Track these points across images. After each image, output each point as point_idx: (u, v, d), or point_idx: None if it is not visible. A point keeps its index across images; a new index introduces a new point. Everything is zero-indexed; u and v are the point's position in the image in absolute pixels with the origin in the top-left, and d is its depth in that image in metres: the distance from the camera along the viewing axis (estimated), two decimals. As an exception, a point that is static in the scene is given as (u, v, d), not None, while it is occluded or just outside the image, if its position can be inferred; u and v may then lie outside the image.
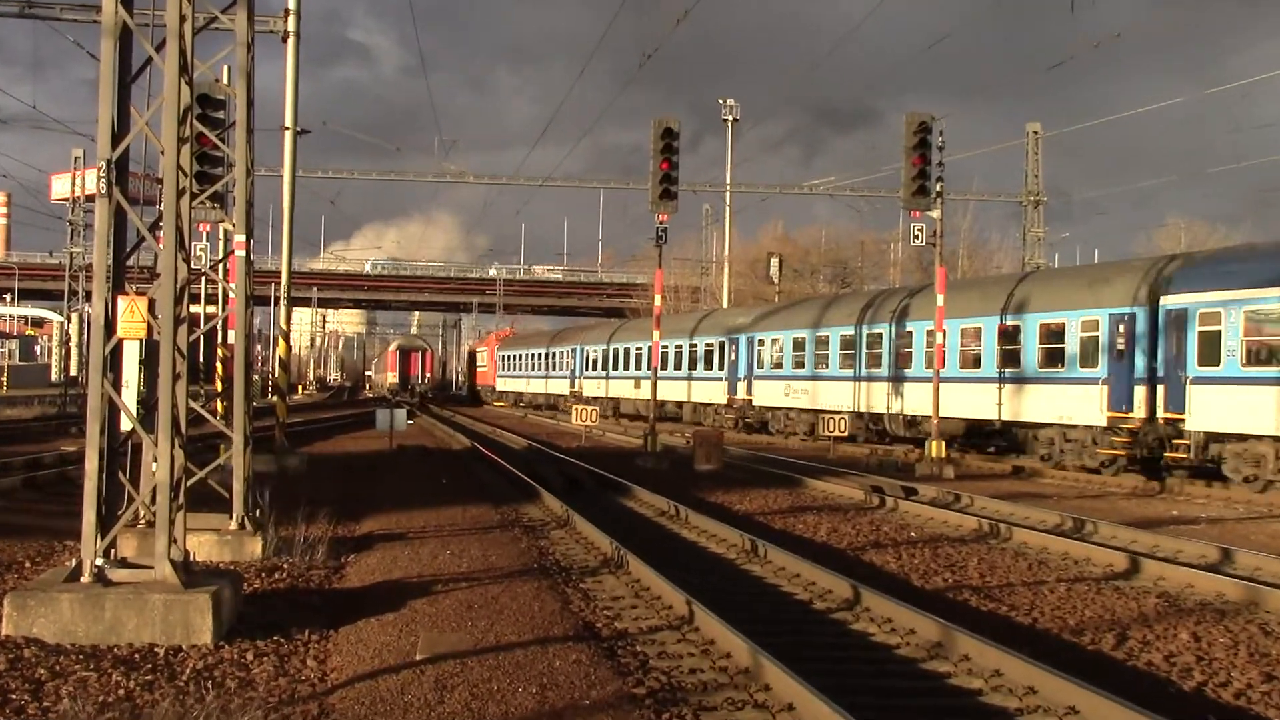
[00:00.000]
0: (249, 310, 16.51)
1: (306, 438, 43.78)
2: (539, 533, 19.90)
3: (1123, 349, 30.88)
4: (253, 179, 15.89)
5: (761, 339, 50.84)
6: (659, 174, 34.30)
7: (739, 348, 52.58)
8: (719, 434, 35.16)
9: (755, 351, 51.09)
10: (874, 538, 19.92)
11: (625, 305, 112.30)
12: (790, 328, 48.65)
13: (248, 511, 15.78)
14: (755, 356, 51.09)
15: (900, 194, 34.70)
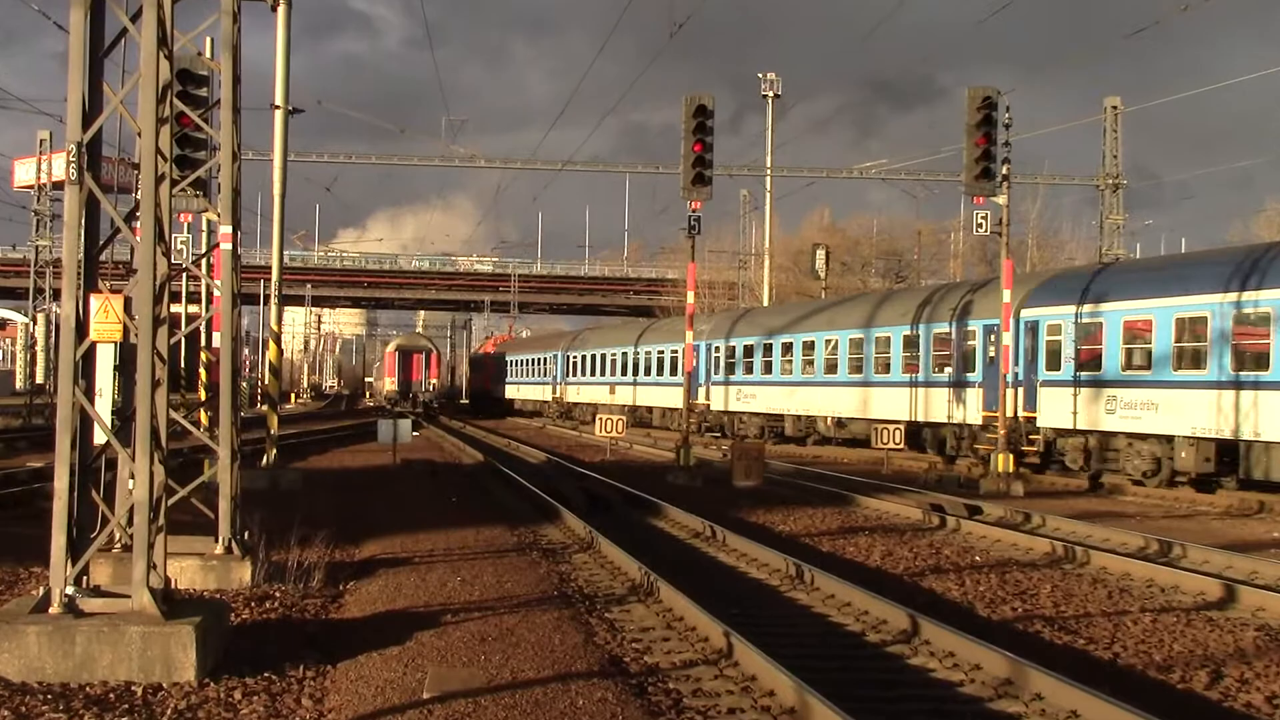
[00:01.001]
0: (236, 310, 16.54)
1: (300, 451, 43.88)
2: (560, 556, 19.89)
3: (993, 356, 38.02)
4: (239, 163, 15.92)
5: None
6: (691, 157, 34.27)
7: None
8: (760, 447, 35.11)
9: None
10: (933, 562, 19.83)
11: (654, 303, 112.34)
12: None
13: (235, 534, 15.80)
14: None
15: (962, 178, 34.61)
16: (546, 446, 51.42)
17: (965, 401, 39.84)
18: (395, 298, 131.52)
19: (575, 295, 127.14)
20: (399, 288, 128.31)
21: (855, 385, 46.72)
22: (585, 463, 41.19)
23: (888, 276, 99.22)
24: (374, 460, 40.24)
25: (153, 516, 11.54)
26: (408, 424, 39.52)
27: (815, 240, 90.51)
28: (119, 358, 13.78)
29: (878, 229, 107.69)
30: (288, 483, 29.59)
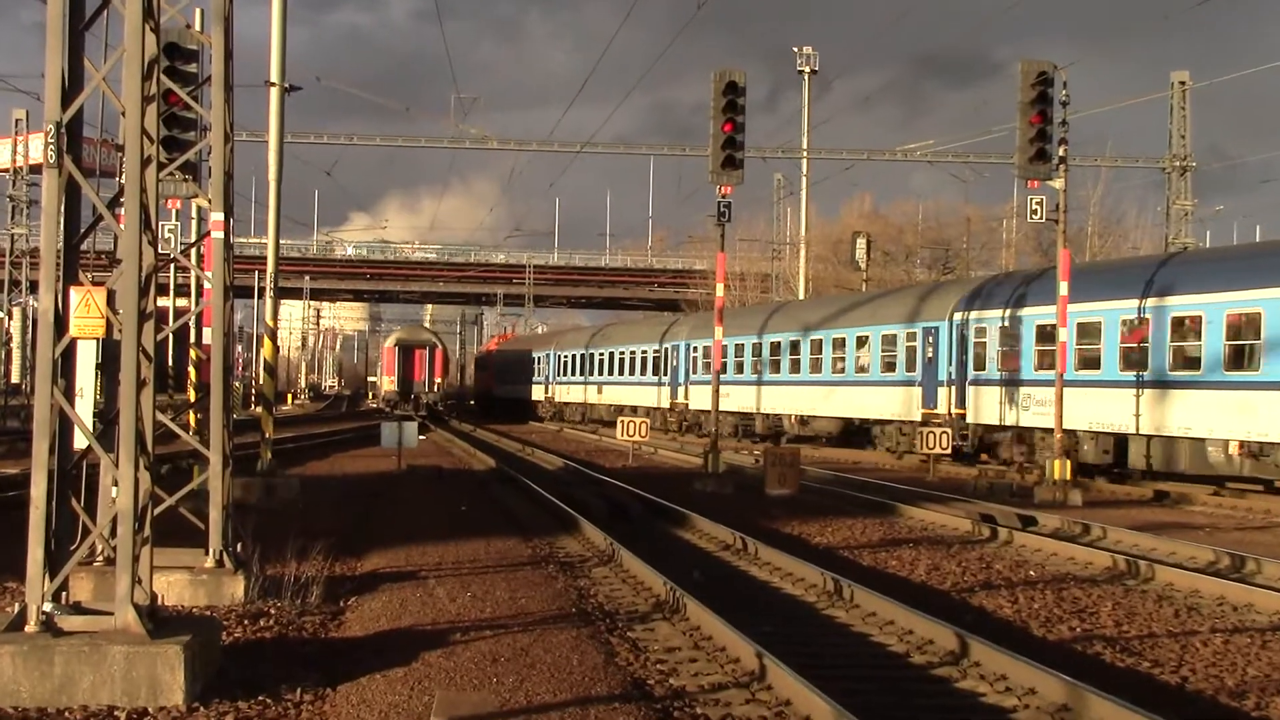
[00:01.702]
0: (228, 304, 16.56)
1: (298, 457, 43.97)
2: (578, 570, 19.89)
3: (932, 356, 44.16)
4: (232, 145, 15.94)
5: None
6: (721, 138, 34.24)
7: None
8: (795, 452, 35.07)
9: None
10: (984, 577, 19.78)
11: (680, 296, 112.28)
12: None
13: (227, 546, 15.82)
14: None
15: (1014, 159, 34.48)
16: (564, 451, 51.45)
17: (909, 400, 45.59)
18: (400, 291, 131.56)
19: (595, 288, 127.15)
20: (405, 280, 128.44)
21: (818, 385, 52.26)
22: (606, 469, 41.19)
23: (934, 267, 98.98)
24: (377, 466, 40.31)
25: (137, 527, 11.56)
26: (413, 427, 39.58)
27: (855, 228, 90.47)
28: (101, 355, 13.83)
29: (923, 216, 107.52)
30: (284, 491, 29.61)
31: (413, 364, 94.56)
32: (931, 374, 44.26)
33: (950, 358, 43.11)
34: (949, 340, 43.31)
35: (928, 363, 44.48)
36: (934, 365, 44.14)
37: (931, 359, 44.27)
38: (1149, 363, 34.32)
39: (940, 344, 43.90)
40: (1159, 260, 38.41)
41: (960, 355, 42.57)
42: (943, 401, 43.19)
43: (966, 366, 42.13)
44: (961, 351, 42.56)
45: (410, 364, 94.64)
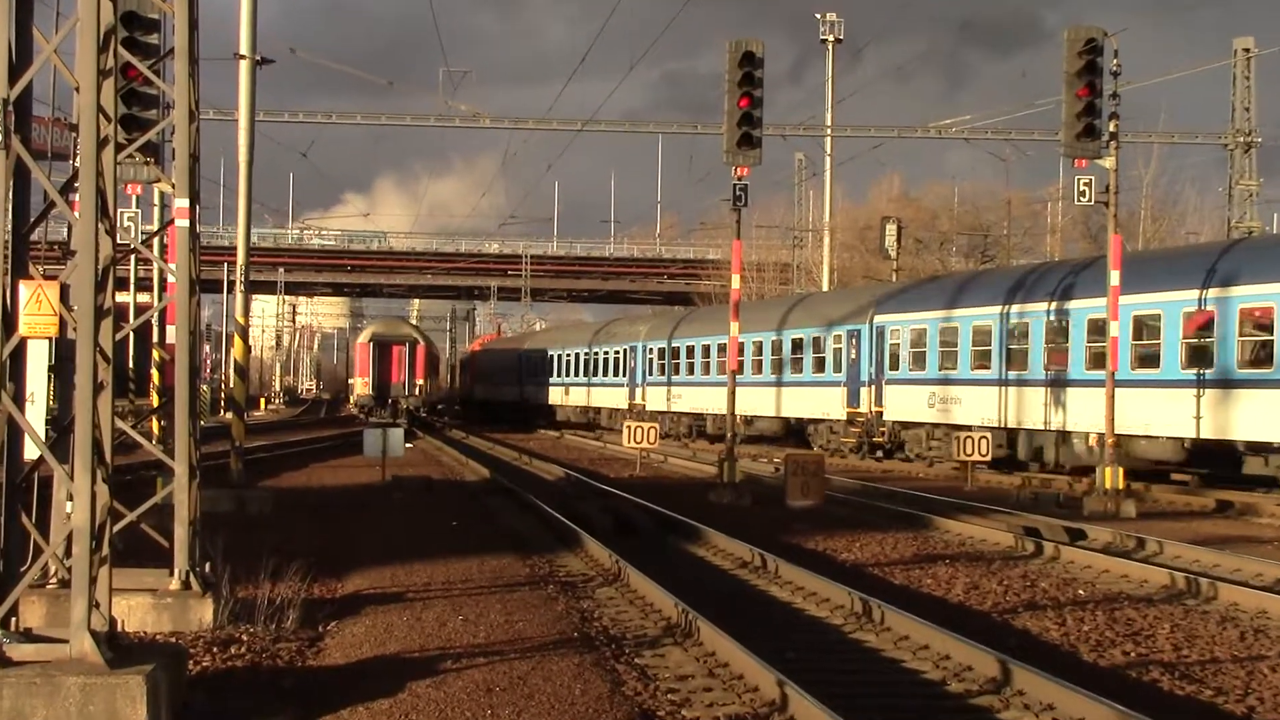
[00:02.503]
0: (195, 299, 16.55)
1: (272, 467, 44.00)
2: (581, 591, 19.90)
3: (854, 357, 52.03)
4: (198, 124, 15.92)
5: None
6: (736, 114, 34.18)
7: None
8: (818, 460, 35.07)
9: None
10: (1028, 596, 19.76)
11: (692, 289, 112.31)
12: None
13: (194, 566, 15.81)
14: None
15: (1060, 136, 34.44)
16: (565, 460, 51.45)
17: (838, 399, 53.17)
18: (384, 284, 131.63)
19: (598, 280, 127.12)
20: (389, 272, 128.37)
21: (763, 386, 59.09)
22: (610, 479, 41.18)
23: (972, 256, 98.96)
24: (359, 477, 40.31)
25: (95, 545, 11.55)
26: (399, 434, 39.56)
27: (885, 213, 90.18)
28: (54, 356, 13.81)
29: (959, 199, 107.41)
30: (257, 504, 29.63)
31: (390, 363, 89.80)
32: (855, 374, 51.93)
33: (871, 359, 50.76)
34: (869, 342, 50.94)
35: (851, 364, 52.25)
36: (857, 366, 51.80)
37: (855, 360, 52.03)
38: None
39: (862, 346, 51.55)
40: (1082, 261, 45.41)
41: (878, 356, 50.15)
42: (865, 400, 51.04)
43: (883, 367, 49.81)
44: (879, 353, 50.13)
45: (387, 363, 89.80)
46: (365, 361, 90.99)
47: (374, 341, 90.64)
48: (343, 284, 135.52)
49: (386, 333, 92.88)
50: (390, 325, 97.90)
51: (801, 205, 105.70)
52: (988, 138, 78.61)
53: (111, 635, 11.74)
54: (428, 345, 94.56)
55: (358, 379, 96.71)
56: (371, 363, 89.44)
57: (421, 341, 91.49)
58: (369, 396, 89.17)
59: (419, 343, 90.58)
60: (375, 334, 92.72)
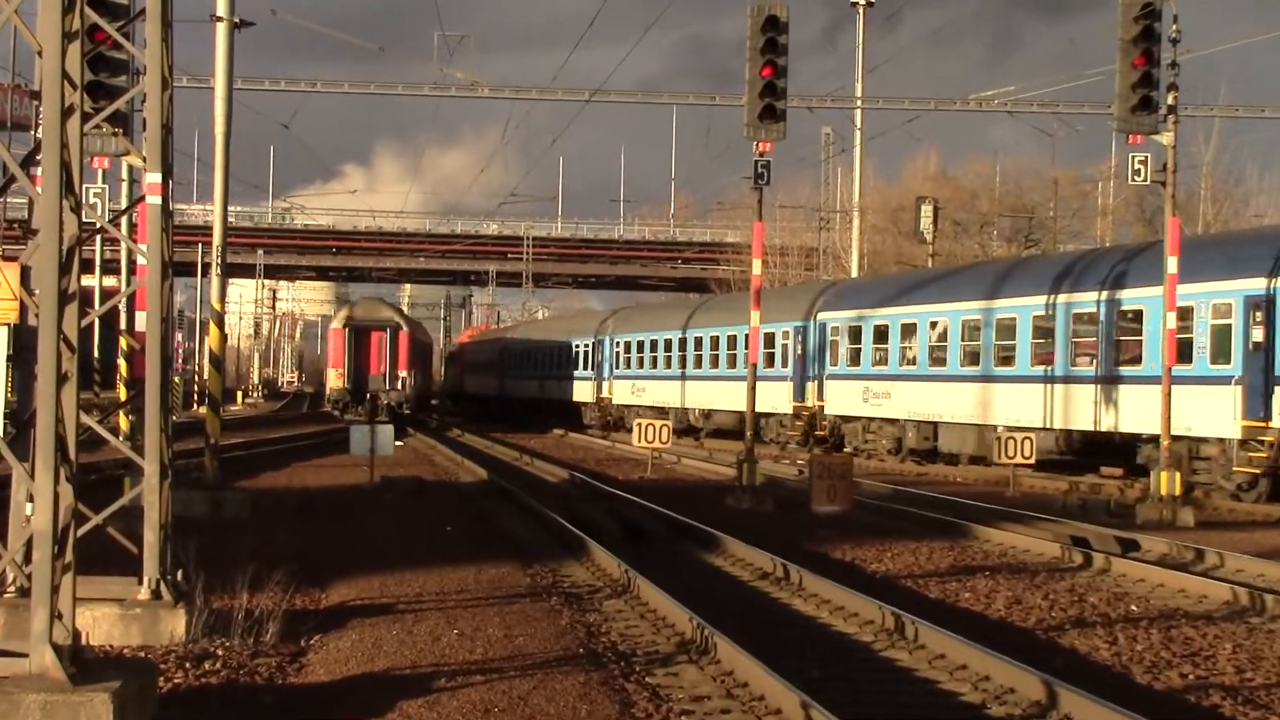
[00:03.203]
0: (167, 283, 16.54)
1: (251, 466, 44.00)
2: (587, 603, 19.90)
3: (801, 353, 58.29)
4: (171, 92, 15.92)
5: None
6: (759, 83, 34.08)
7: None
8: (846, 462, 35.06)
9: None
10: (1076, 613, 19.73)
11: (709, 274, 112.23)
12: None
13: (165, 573, 15.81)
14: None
15: (1113, 109, 34.38)
16: (569, 461, 51.46)
17: (786, 393, 59.42)
18: (373, 267, 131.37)
19: (606, 264, 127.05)
20: (378, 254, 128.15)
21: (720, 380, 65.10)
22: (619, 482, 41.17)
23: (1014, 240, 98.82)
24: (345, 478, 40.30)
25: (57, 551, 11.55)
26: (389, 431, 39.47)
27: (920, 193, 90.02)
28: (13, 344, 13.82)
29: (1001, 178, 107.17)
30: (234, 507, 29.66)
31: (368, 351, 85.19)
32: (800, 369, 58.62)
33: (814, 354, 57.43)
34: (814, 338, 57.64)
35: (797, 359, 58.93)
36: (803, 361, 58.44)
37: (800, 355, 58.65)
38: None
39: (807, 341, 58.20)
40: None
41: (820, 352, 56.84)
42: (810, 395, 57.55)
43: (825, 362, 56.30)
44: (821, 348, 56.83)
45: (364, 351, 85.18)
46: (339, 350, 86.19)
47: (349, 326, 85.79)
48: (328, 268, 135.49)
49: (364, 316, 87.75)
50: (369, 307, 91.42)
51: (829, 184, 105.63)
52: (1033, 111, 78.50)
53: (75, 649, 11.75)
54: (412, 331, 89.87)
55: (330, 370, 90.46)
56: (347, 351, 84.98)
57: (405, 327, 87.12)
58: (343, 390, 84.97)
59: (401, 328, 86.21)
60: (351, 317, 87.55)
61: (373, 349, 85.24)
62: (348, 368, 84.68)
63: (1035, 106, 78.23)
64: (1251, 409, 35.80)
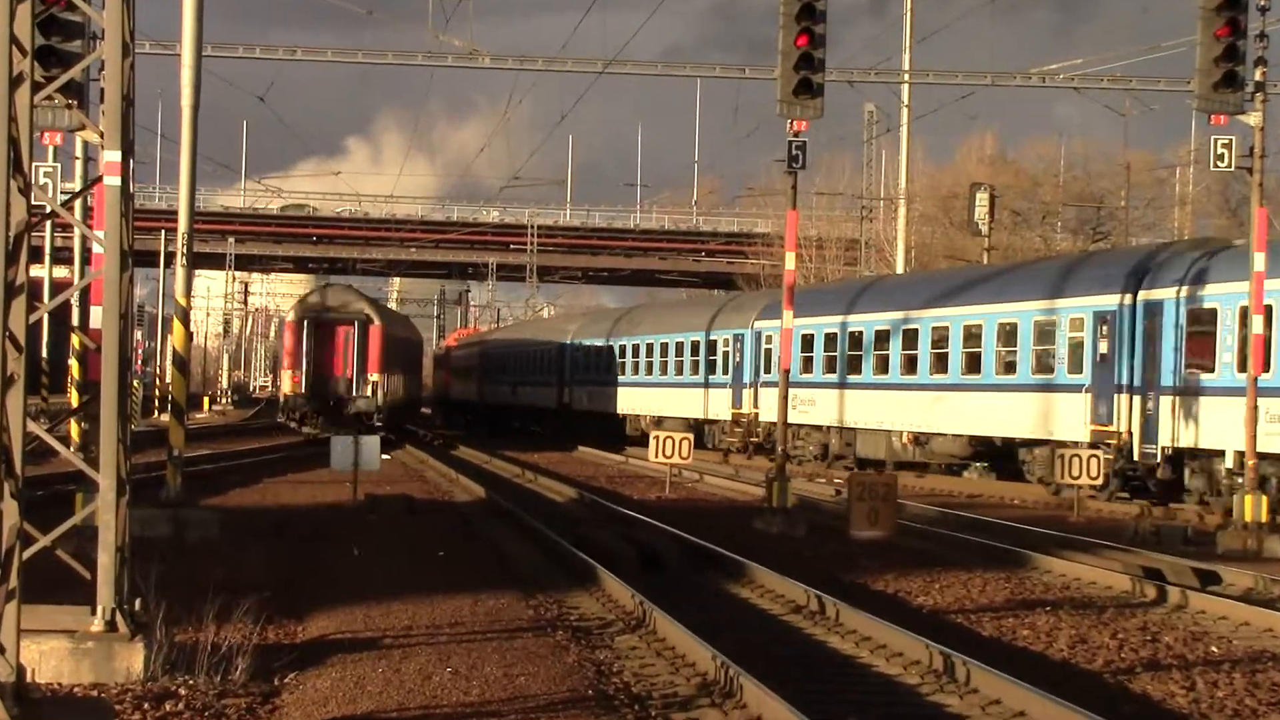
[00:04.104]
0: (127, 274, 16.55)
1: (218, 482, 44.04)
2: (596, 639, 19.92)
3: (739, 361, 66.46)
4: (133, 59, 15.92)
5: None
6: (793, 55, 34.00)
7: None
8: (890, 482, 34.98)
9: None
10: (1148, 653, 19.70)
11: (736, 269, 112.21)
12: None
13: (122, 602, 15.81)
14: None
15: (1193, 86, 34.31)
16: (578, 478, 51.46)
17: (722, 401, 68.27)
18: (358, 258, 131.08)
19: (621, 257, 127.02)
20: (364, 244, 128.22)
21: (668, 387, 74.59)
22: (634, 501, 41.19)
23: (1081, 232, 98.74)
24: (325, 495, 40.32)
25: (0, 576, 11.55)
26: (374, 444, 39.45)
27: (974, 178, 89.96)
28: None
29: (1067, 162, 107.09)
30: (199, 528, 29.67)
31: (331, 349, 78.99)
32: (739, 377, 66.55)
33: (752, 362, 64.93)
34: (752, 347, 65.11)
35: (736, 367, 67.11)
36: (741, 369, 66.38)
37: (738, 363, 66.76)
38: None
39: (745, 350, 65.97)
40: None
41: (756, 360, 64.23)
42: (746, 402, 65.21)
43: (760, 370, 63.56)
44: (758, 356, 64.10)
45: (327, 350, 78.86)
46: (295, 347, 79.19)
47: (307, 319, 78.99)
48: (306, 258, 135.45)
49: (326, 306, 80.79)
50: (332, 296, 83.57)
51: (872, 168, 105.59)
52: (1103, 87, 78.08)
53: (19, 687, 11.76)
54: (387, 326, 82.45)
55: (285, 372, 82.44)
56: (305, 348, 78.04)
57: (377, 319, 79.99)
58: (300, 397, 78.94)
59: (372, 321, 79.28)
60: (310, 308, 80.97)
61: (337, 346, 79.04)
62: (305, 369, 77.88)
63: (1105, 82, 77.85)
64: (1099, 415, 43.77)
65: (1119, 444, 42.68)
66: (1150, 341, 42.69)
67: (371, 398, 76.81)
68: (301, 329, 78.36)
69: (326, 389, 78.02)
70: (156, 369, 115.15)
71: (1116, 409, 43.12)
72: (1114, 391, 43.30)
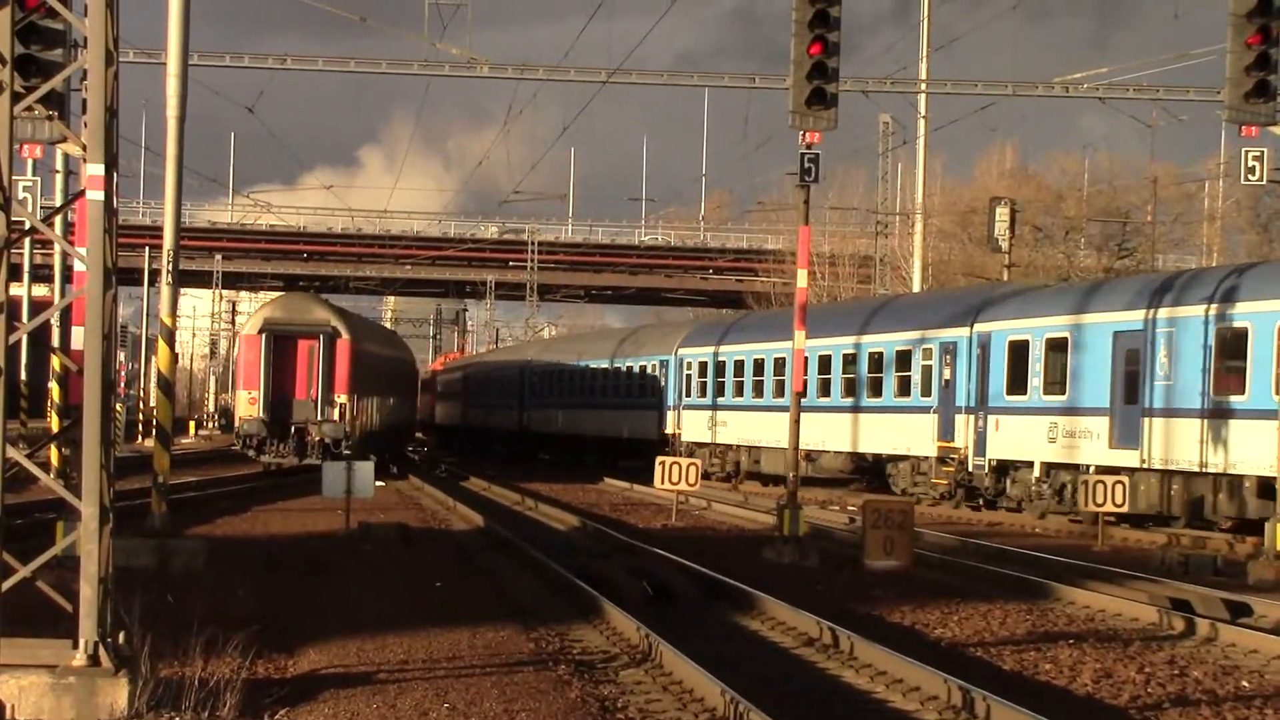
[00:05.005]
0: (110, 293, 16.59)
1: (205, 510, 44.06)
2: (600, 674, 19.93)
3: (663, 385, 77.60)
4: (117, 69, 15.96)
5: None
6: (806, 62, 34.03)
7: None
8: (905, 509, 34.94)
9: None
10: (1176, 689, 19.69)
11: (745, 287, 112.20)
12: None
13: (105, 636, 15.82)
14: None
15: (1222, 96, 34.35)
16: (581, 505, 51.46)
17: (653, 422, 78.10)
18: (350, 276, 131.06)
19: (626, 274, 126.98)
20: (357, 261, 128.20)
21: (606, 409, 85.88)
22: (638, 530, 41.20)
23: (1105, 249, 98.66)
24: (316, 524, 40.36)
25: (-21, 607, 11.57)
26: (368, 469, 39.39)
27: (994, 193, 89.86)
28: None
29: (1091, 176, 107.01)
30: (185, 558, 29.67)
31: (292, 367, 70.72)
32: (662, 400, 77.21)
33: (676, 386, 75.58)
34: (675, 372, 75.68)
35: (661, 390, 77.59)
36: (664, 392, 77.08)
37: (662, 387, 77.64)
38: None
39: (669, 375, 76.37)
40: None
41: (680, 384, 75.12)
42: (670, 423, 75.07)
43: (682, 394, 74.65)
44: (680, 380, 75.09)
45: (288, 367, 70.63)
46: (253, 364, 70.62)
47: (266, 331, 70.27)
48: (297, 276, 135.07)
49: (288, 319, 72.02)
50: (296, 306, 75.16)
51: (888, 182, 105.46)
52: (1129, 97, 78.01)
53: (-1, 723, 11.76)
54: (357, 340, 73.45)
55: (241, 393, 73.51)
56: (262, 366, 69.70)
57: (346, 333, 71.01)
58: (257, 421, 69.05)
59: (340, 335, 70.51)
60: (270, 320, 71.73)
61: (299, 364, 70.56)
62: (263, 390, 69.19)
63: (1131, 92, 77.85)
64: (944, 432, 52.48)
65: (959, 457, 52.00)
66: (983, 368, 51.33)
67: (339, 423, 68.47)
68: (260, 345, 69.95)
69: (287, 413, 69.52)
70: (141, 392, 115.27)
71: (957, 427, 51.99)
72: (955, 412, 52.37)
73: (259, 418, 68.38)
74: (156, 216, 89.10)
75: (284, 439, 68.39)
